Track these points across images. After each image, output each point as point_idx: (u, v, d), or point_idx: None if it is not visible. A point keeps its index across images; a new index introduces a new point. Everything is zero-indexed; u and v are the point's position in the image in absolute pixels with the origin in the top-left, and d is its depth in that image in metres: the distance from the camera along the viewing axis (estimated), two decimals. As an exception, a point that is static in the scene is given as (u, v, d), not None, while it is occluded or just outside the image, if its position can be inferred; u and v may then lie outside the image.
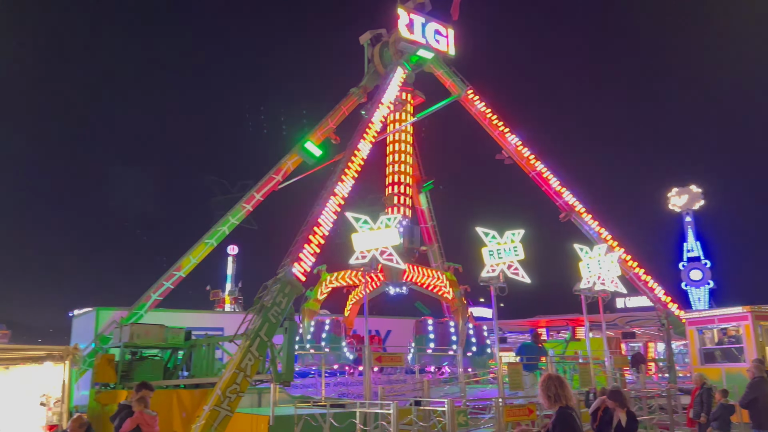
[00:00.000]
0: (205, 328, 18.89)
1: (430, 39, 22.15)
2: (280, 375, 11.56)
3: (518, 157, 22.34)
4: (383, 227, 14.65)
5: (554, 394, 5.14)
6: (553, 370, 16.71)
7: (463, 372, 16.25)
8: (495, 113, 22.45)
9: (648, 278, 22.95)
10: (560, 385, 5.20)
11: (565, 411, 5.10)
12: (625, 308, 39.46)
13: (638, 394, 16.62)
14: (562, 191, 22.62)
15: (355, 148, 17.76)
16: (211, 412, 10.26)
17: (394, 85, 20.80)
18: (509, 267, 14.74)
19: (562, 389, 5.17)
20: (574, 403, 5.22)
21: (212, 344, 14.55)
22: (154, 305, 20.02)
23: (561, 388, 5.19)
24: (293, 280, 12.84)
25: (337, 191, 16.26)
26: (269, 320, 11.65)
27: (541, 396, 5.29)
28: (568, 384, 5.26)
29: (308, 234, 14.65)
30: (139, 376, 14.57)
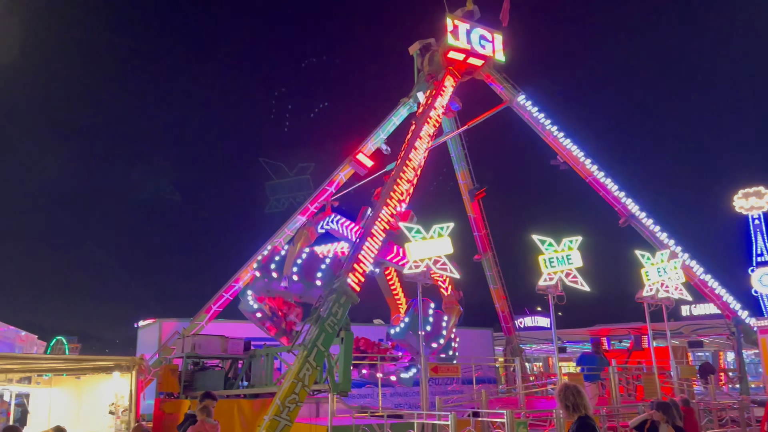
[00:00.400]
0: (263, 338, 19.22)
1: (479, 46, 22.02)
2: (337, 385, 11.63)
3: (574, 162, 21.88)
4: (436, 236, 14.62)
5: (573, 404, 5.04)
6: (616, 380, 16.20)
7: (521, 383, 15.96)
8: (548, 118, 22.09)
9: (715, 284, 22.00)
10: (578, 394, 5.09)
11: (585, 421, 5.02)
12: (691, 316, 37.89)
13: (708, 407, 15.92)
14: (620, 195, 21.99)
15: (407, 158, 17.80)
16: (271, 421, 10.43)
17: (445, 94, 20.78)
18: (567, 275, 14.43)
19: (580, 398, 5.08)
20: (592, 412, 5.10)
21: (271, 354, 14.79)
22: (214, 316, 20.56)
23: (579, 397, 5.09)
24: (348, 291, 12.93)
25: (390, 201, 16.31)
26: (326, 330, 11.76)
27: (559, 406, 5.19)
28: (585, 393, 5.14)
29: (362, 244, 14.74)
30: (201, 385, 14.96)
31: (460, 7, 22.54)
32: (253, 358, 15.46)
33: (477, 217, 26.01)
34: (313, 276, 15.21)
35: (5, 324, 27.70)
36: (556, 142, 21.94)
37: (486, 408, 12.85)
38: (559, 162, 22.25)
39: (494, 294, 26.71)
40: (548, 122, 22.01)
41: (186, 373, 15.20)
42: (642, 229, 21.73)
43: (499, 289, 26.55)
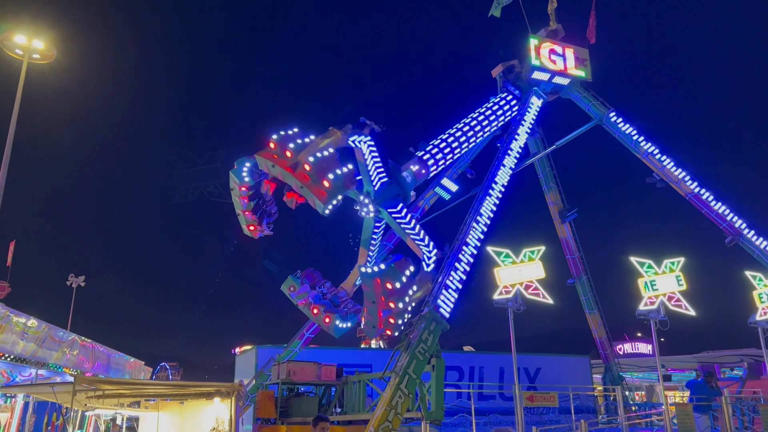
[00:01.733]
0: (354, 365, 19.39)
1: (564, 65, 21.58)
2: (430, 413, 11.53)
3: (671, 179, 20.78)
4: (526, 260, 14.30)
5: None
6: (729, 411, 15.02)
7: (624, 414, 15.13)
8: (641, 135, 21.19)
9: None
10: None
11: None
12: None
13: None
14: (724, 213, 20.59)
15: (493, 181, 17.61)
16: (365, 449, 10.46)
17: (530, 116, 20.46)
18: (670, 299, 13.65)
19: None
20: None
21: (363, 381, 14.89)
22: (307, 342, 20.98)
23: None
24: (438, 317, 12.86)
25: (477, 225, 16.15)
26: (417, 357, 11.73)
27: None
28: None
29: (450, 270, 14.65)
30: (296, 411, 15.26)
31: (544, 27, 22.26)
32: (345, 384, 15.62)
33: (569, 240, 25.19)
34: (324, 174, 13.07)
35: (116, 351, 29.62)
36: (650, 158, 20.97)
37: (586, 440, 12.26)
38: (655, 180, 21.20)
39: (590, 319, 25.62)
40: (641, 139, 21.10)
41: (281, 399, 15.56)
42: (751, 248, 20.17)
43: (596, 314, 25.45)
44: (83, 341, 23.75)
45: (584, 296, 25.29)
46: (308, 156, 13.00)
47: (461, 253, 15.30)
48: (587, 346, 27.73)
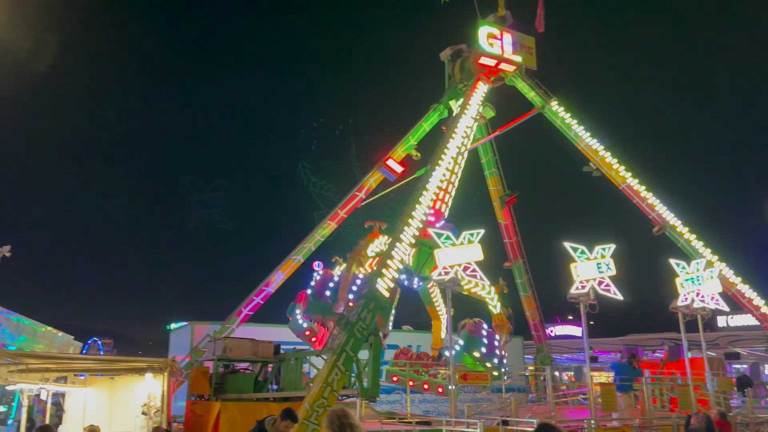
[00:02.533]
0: (293, 342, 19.35)
1: (511, 52, 21.89)
2: (366, 390, 11.66)
3: (607, 169, 21.55)
4: (466, 243, 14.55)
5: (339, 427, 4.75)
6: (649, 391, 15.87)
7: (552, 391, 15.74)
8: (581, 124, 21.81)
9: (753, 295, 21.38)
10: (344, 416, 4.81)
11: None
12: (728, 327, 36.92)
13: (745, 420, 15.47)
14: (654, 204, 21.56)
15: (437, 163, 17.78)
16: (300, 425, 10.49)
17: (476, 100, 20.70)
18: (599, 283, 14.19)
19: (346, 418, 4.79)
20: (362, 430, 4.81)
21: (300, 359, 14.88)
22: (245, 320, 20.78)
23: (345, 418, 4.80)
24: (378, 296, 12.97)
25: (420, 206, 16.30)
26: (355, 335, 11.81)
27: None
28: (353, 414, 4.87)
29: (392, 250, 14.76)
30: (232, 388, 15.12)
31: (492, 13, 22.46)
32: (282, 361, 15.58)
33: (508, 224, 25.79)
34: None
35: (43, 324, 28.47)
36: (588, 148, 21.65)
37: (515, 417, 12.70)
38: (591, 169, 21.93)
39: (525, 302, 26.43)
40: (580, 128, 21.73)
41: (217, 375, 15.37)
42: (677, 238, 21.26)
43: (530, 296, 26.27)
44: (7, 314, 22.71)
45: (519, 279, 26.03)
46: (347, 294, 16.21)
47: (404, 234, 15.44)
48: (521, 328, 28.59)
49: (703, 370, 18.18)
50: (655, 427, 14.06)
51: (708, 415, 11.78)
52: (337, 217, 21.45)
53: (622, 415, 14.81)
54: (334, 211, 21.40)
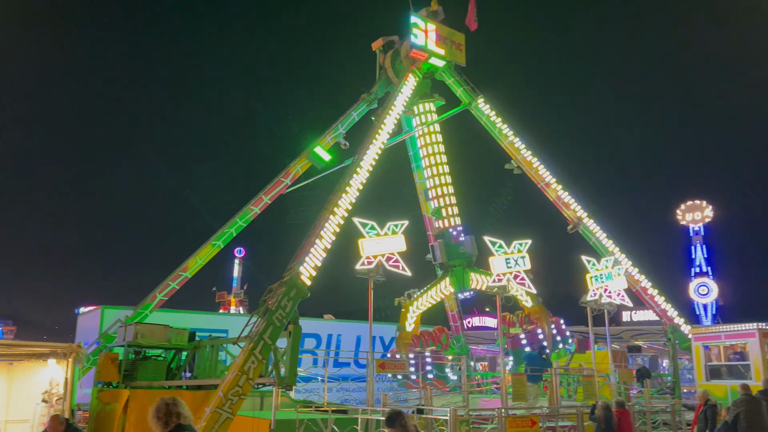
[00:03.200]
0: (210, 330, 18.88)
1: (442, 47, 22.16)
2: (282, 379, 11.53)
3: (527, 168, 22.28)
4: (390, 233, 14.66)
5: (165, 415, 4.85)
6: (557, 381, 16.62)
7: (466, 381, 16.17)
8: (505, 123, 22.40)
9: (655, 292, 22.80)
10: (173, 404, 4.91)
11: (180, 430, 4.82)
12: (631, 322, 39.23)
13: (643, 409, 16.49)
14: (570, 202, 22.53)
15: (365, 153, 17.78)
16: (212, 413, 10.25)
17: (406, 92, 20.83)
18: (515, 277, 14.68)
19: (176, 407, 4.88)
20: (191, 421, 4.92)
21: (216, 346, 14.54)
22: (159, 305, 20.04)
23: (174, 406, 4.90)
24: (299, 284, 12.84)
25: (345, 196, 16.26)
26: (273, 323, 11.63)
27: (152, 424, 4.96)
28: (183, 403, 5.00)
29: (315, 238, 14.65)
30: (142, 375, 14.57)
31: (425, 7, 22.63)
32: (197, 349, 15.16)
33: (431, 216, 26.14)
34: None
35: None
36: (511, 146, 22.29)
37: (431, 406, 12.96)
38: (513, 166, 22.62)
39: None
40: (504, 126, 22.32)
41: (127, 362, 14.77)
42: (589, 236, 22.33)
43: (450, 288, 26.78)
44: None
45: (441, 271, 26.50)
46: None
47: (328, 222, 15.35)
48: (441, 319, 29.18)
49: (607, 362, 19.24)
50: (562, 415, 14.76)
51: (608, 404, 12.48)
52: (261, 202, 21.01)
53: (531, 404, 15.44)
54: (257, 197, 20.95)
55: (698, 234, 45.17)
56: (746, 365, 17.03)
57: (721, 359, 18.49)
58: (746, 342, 17.12)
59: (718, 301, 43.21)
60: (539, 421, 12.39)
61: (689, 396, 20.70)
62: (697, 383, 18.36)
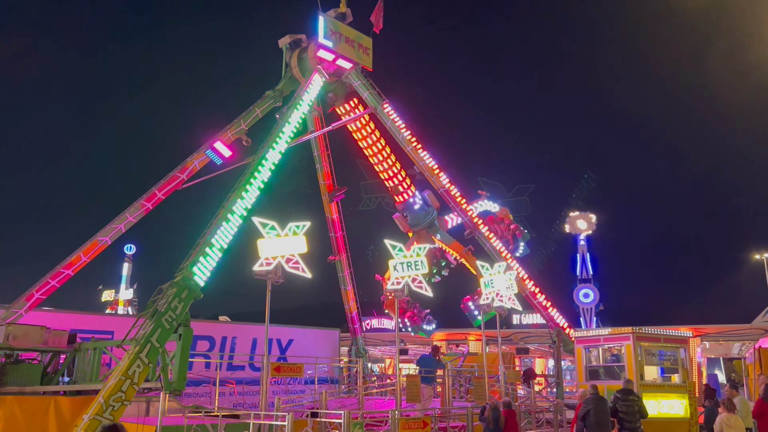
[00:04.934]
0: (93, 331, 17.69)
1: (349, 49, 22.22)
2: (170, 383, 11.02)
3: (428, 173, 22.80)
4: (291, 234, 14.44)
5: None
6: (449, 382, 17.10)
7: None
8: (408, 129, 22.79)
9: (542, 297, 24.05)
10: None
11: None
12: (521, 324, 41.11)
13: (528, 408, 17.32)
14: (468, 208, 23.29)
15: (267, 152, 17.43)
16: (90, 421, 9.62)
17: (312, 92, 20.67)
18: (413, 280, 14.96)
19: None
20: None
21: (99, 348, 13.66)
22: (36, 304, 18.55)
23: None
24: (191, 284, 12.34)
25: (245, 194, 15.84)
26: (162, 325, 11.11)
27: None
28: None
29: (211, 237, 14.15)
30: (13, 380, 13.43)
31: (334, 8, 22.58)
32: (78, 351, 14.17)
33: (335, 219, 26.15)
34: None
35: None
36: (413, 152, 22.72)
37: (325, 408, 12.89)
38: (415, 172, 23.09)
39: (345, 295, 27.00)
40: (407, 133, 22.71)
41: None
42: (484, 242, 23.21)
43: (350, 290, 26.89)
44: None
45: (341, 273, 26.56)
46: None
47: (225, 221, 14.87)
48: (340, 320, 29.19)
49: (497, 363, 20.03)
50: (453, 416, 15.20)
51: (496, 405, 13.00)
52: (154, 198, 20.01)
53: (425, 405, 15.78)
54: (150, 192, 19.94)
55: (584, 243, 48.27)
56: (621, 366, 18.33)
57: (600, 361, 19.81)
58: (622, 345, 18.42)
59: (599, 306, 46.40)
60: (431, 422, 12.68)
61: (571, 395, 22.02)
62: (578, 383, 19.56)
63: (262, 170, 16.97)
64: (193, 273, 12.80)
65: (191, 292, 12.05)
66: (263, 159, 17.18)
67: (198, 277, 12.92)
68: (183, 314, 11.55)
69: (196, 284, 12.66)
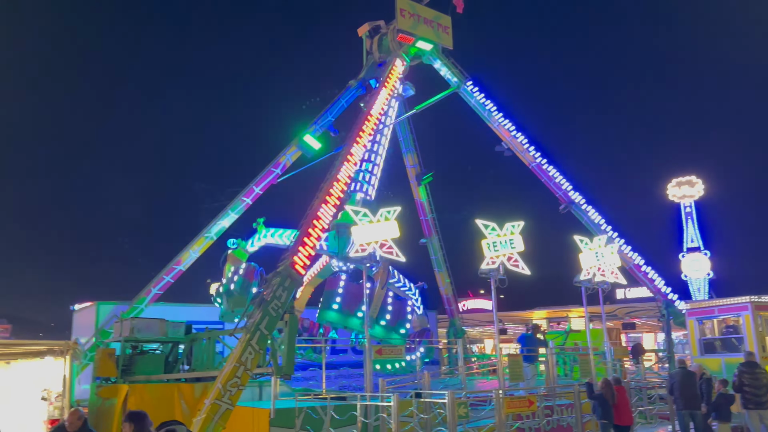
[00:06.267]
0: (206, 322, 18.89)
1: (429, 30, 22.03)
2: (280, 368, 11.55)
3: (517, 149, 22.29)
4: (382, 220, 14.64)
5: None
6: (553, 361, 16.76)
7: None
8: (494, 105, 22.35)
9: (648, 269, 22.95)
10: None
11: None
12: (625, 299, 39.50)
13: (638, 385, 16.68)
14: (561, 182, 22.57)
15: (354, 140, 17.71)
16: (212, 405, 10.27)
17: (394, 78, 20.72)
18: (509, 259, 14.72)
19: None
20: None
21: (213, 338, 14.54)
22: (155, 299, 20.04)
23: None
24: (293, 274, 12.82)
25: (337, 184, 16.21)
26: (269, 314, 11.63)
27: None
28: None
29: (308, 227, 14.62)
30: (140, 370, 14.58)
31: (410, -10, 22.46)
32: (194, 341, 15.16)
33: (423, 202, 26.21)
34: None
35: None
36: (500, 128, 22.27)
37: (428, 389, 13.05)
38: (503, 148, 22.63)
39: (439, 277, 27.08)
40: (494, 109, 22.28)
41: (124, 357, 14.77)
42: (581, 215, 22.41)
43: (444, 272, 26.93)
44: None
45: (434, 255, 26.62)
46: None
47: (320, 211, 15.30)
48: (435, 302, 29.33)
49: (602, 340, 19.39)
50: (559, 395, 14.90)
51: (608, 380, 12.60)
52: (252, 193, 20.96)
53: (529, 384, 15.58)
54: (248, 188, 20.89)
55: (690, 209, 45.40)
56: (740, 338, 17.22)
57: (714, 333, 18.68)
58: (739, 315, 17.28)
59: (711, 276, 43.59)
60: (536, 400, 12.51)
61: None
62: (692, 357, 18.57)
63: (351, 159, 17.28)
64: (294, 262, 13.30)
65: (294, 281, 12.53)
66: (352, 148, 17.47)
67: (299, 266, 13.40)
68: (288, 302, 12.04)
69: (298, 272, 13.14)
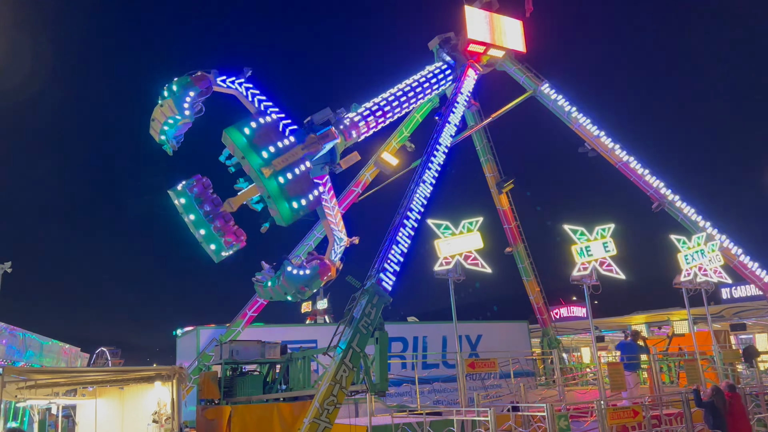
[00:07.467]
0: (299, 341, 19.36)
1: (499, 37, 21.79)
2: (374, 385, 11.67)
3: (602, 149, 21.49)
4: (465, 231, 14.54)
5: None
6: (657, 368, 15.93)
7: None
8: (574, 105, 21.71)
9: (755, 265, 21.37)
10: None
11: None
12: (732, 298, 36.93)
13: (754, 391, 15.52)
14: (651, 180, 21.50)
15: (432, 154, 17.72)
16: (311, 424, 10.52)
17: (467, 88, 20.62)
18: (601, 264, 14.21)
19: None
20: None
21: (307, 357, 14.90)
22: (250, 321, 20.77)
23: None
24: (380, 291, 12.96)
25: (417, 198, 16.26)
26: (360, 331, 11.81)
27: None
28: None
29: (393, 243, 14.73)
30: (241, 391, 15.15)
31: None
32: (290, 361, 15.59)
33: (506, 210, 25.77)
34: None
35: (48, 338, 28.47)
36: (582, 129, 21.58)
37: (525, 402, 12.73)
38: (587, 149, 21.86)
39: (528, 286, 26.45)
40: (573, 110, 21.64)
41: (225, 379, 15.40)
42: (676, 213, 21.21)
43: (533, 280, 26.28)
44: (12, 330, 22.71)
45: (521, 264, 26.05)
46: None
47: (402, 227, 15.39)
48: (526, 312, 28.64)
49: (709, 344, 18.24)
50: (665, 404, 14.11)
51: (718, 387, 11.83)
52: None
53: (632, 394, 14.86)
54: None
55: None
56: None
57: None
58: None
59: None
60: (641, 410, 11.92)
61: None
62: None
63: (429, 173, 17.29)
64: (380, 279, 13.43)
65: (381, 298, 12.65)
66: (429, 161, 17.49)
67: (385, 282, 13.52)
68: (377, 319, 12.17)
69: (385, 290, 13.26)
